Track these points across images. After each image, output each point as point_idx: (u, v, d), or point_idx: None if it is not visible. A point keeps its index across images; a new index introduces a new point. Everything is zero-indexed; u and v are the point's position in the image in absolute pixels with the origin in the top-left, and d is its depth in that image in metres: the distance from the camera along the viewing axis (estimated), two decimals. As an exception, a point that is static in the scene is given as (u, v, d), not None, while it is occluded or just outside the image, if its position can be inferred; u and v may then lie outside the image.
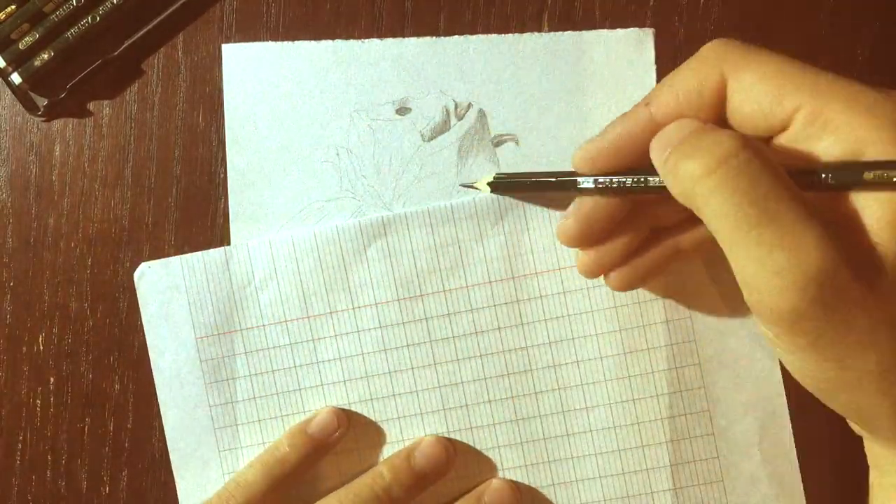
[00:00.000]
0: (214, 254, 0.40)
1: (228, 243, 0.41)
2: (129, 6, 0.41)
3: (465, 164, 0.41)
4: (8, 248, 0.41)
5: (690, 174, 0.28)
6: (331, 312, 0.40)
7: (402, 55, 0.41)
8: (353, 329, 0.40)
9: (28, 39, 0.40)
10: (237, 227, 0.41)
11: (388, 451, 0.41)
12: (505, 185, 0.38)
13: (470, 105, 0.41)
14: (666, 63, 0.41)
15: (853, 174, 0.28)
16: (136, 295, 0.41)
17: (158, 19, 0.41)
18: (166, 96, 0.41)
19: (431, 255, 0.40)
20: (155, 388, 0.41)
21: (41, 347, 0.41)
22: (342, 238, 0.40)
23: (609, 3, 0.41)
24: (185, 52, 0.41)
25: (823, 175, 0.29)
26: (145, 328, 0.41)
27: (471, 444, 0.40)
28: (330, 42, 0.41)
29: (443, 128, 0.41)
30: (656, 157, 0.31)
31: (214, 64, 0.41)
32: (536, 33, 0.41)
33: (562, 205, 0.39)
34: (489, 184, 0.38)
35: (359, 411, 0.40)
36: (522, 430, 0.40)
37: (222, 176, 0.41)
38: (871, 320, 0.27)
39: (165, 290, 0.40)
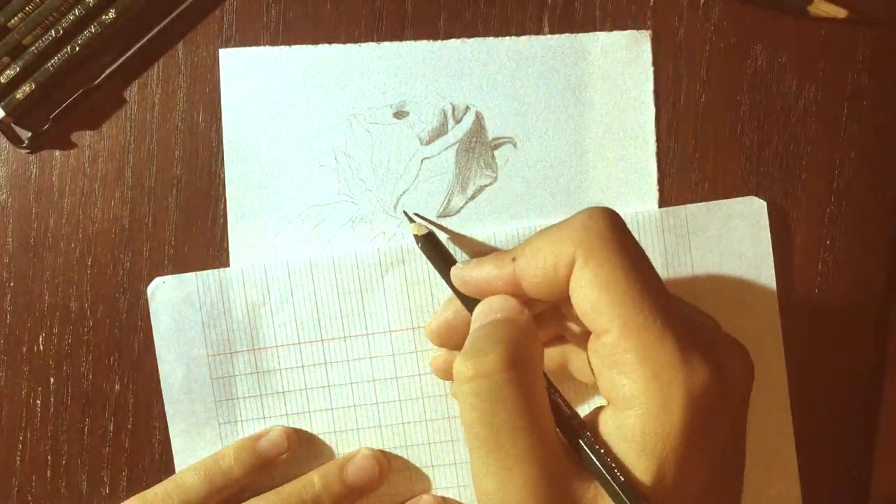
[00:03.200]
0: (231, 272, 0.40)
1: (228, 244, 0.41)
2: (107, 35, 0.41)
3: (463, 167, 0.40)
4: (8, 248, 0.41)
5: (456, 373, 0.30)
6: (345, 337, 0.40)
7: (399, 59, 0.41)
8: (366, 355, 0.40)
9: (9, 73, 0.40)
10: (235, 231, 0.41)
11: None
12: (430, 251, 0.38)
13: (468, 108, 0.41)
14: (666, 64, 0.41)
15: (592, 465, 0.29)
16: (136, 295, 0.41)
17: (137, 47, 0.41)
18: (166, 96, 0.41)
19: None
20: (155, 389, 0.41)
21: (41, 347, 0.41)
22: (360, 264, 0.40)
23: (609, 4, 0.41)
24: (185, 52, 0.41)
25: (580, 442, 0.30)
26: (156, 342, 0.40)
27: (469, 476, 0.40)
28: (327, 46, 0.41)
29: (440, 131, 0.41)
30: (471, 324, 0.33)
31: (214, 64, 0.41)
32: (533, 36, 0.41)
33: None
34: (418, 236, 0.38)
35: (367, 437, 0.40)
36: None
37: (222, 176, 0.41)
38: None
39: (179, 305, 0.40)
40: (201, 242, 0.41)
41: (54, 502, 0.41)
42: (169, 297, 0.40)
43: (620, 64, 0.40)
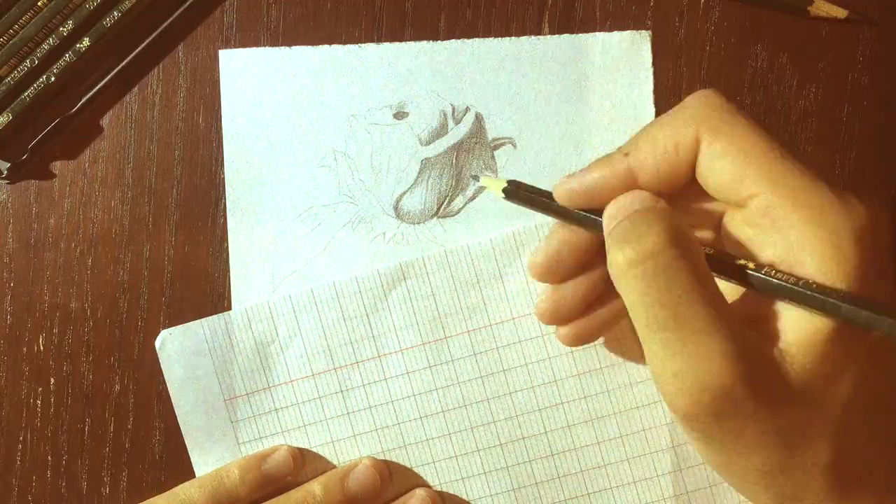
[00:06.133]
0: (235, 314, 0.40)
1: (228, 244, 0.41)
2: (82, 64, 0.41)
3: (463, 167, 0.40)
4: (8, 248, 0.41)
5: (618, 262, 0.29)
6: (357, 363, 0.40)
7: (399, 59, 0.41)
8: (381, 377, 0.40)
9: (-16, 104, 0.40)
10: (235, 231, 0.41)
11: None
12: (520, 195, 0.36)
13: (467, 109, 0.41)
14: (666, 64, 0.40)
15: (776, 286, 0.28)
16: (136, 296, 0.41)
17: (112, 73, 0.41)
18: (166, 97, 0.41)
19: (452, 296, 0.40)
20: (155, 389, 0.41)
21: (41, 347, 0.41)
22: (362, 287, 0.40)
23: (609, 3, 0.41)
24: (185, 53, 0.41)
25: (750, 275, 0.29)
26: (171, 394, 0.40)
27: (505, 483, 0.40)
28: (327, 47, 0.41)
29: (440, 132, 0.41)
30: (605, 225, 0.31)
31: (214, 64, 0.41)
32: (533, 37, 0.41)
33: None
34: (504, 189, 0.36)
35: (394, 458, 0.40)
36: (558, 464, 0.40)
37: (222, 176, 0.41)
38: (761, 429, 0.28)
39: (189, 355, 0.40)
40: (201, 242, 0.41)
41: (54, 502, 0.41)
42: (178, 348, 0.40)
43: (620, 64, 0.40)
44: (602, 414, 0.40)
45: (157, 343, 0.40)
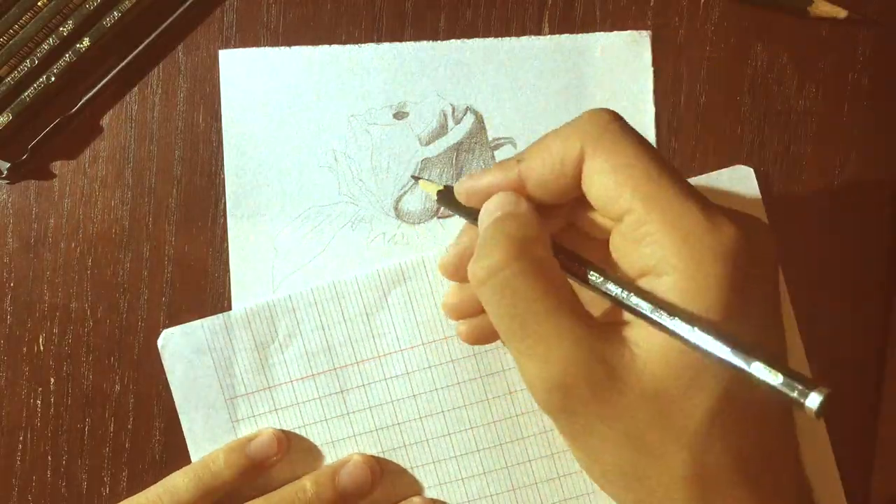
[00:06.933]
0: (235, 314, 0.40)
1: (228, 244, 0.41)
2: (82, 64, 0.41)
3: (463, 167, 0.40)
4: (8, 248, 0.41)
5: (474, 276, 0.31)
6: (357, 363, 0.40)
7: (399, 59, 0.41)
8: (381, 377, 0.40)
9: (-16, 105, 0.40)
10: (235, 231, 0.41)
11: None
12: (450, 200, 0.36)
13: (467, 109, 0.41)
14: (666, 64, 0.41)
15: (615, 297, 0.30)
16: (136, 296, 0.41)
17: (112, 73, 0.41)
18: (166, 97, 0.41)
19: None
20: (155, 389, 0.41)
21: (41, 348, 0.41)
22: (362, 288, 0.40)
23: (609, 4, 0.41)
24: (185, 53, 0.41)
25: (591, 280, 0.30)
26: (173, 393, 0.40)
27: (505, 483, 0.40)
28: (327, 47, 0.41)
29: (440, 132, 0.41)
30: (479, 228, 0.33)
31: (214, 64, 0.41)
32: (534, 37, 0.41)
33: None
34: (439, 192, 0.37)
35: (394, 458, 0.40)
36: (558, 464, 0.40)
37: (222, 176, 0.41)
38: (610, 430, 0.29)
39: (191, 354, 0.40)
40: (201, 242, 0.41)
41: (54, 502, 0.41)
42: (179, 348, 0.40)
43: (620, 64, 0.40)
44: None
45: (160, 343, 0.40)
